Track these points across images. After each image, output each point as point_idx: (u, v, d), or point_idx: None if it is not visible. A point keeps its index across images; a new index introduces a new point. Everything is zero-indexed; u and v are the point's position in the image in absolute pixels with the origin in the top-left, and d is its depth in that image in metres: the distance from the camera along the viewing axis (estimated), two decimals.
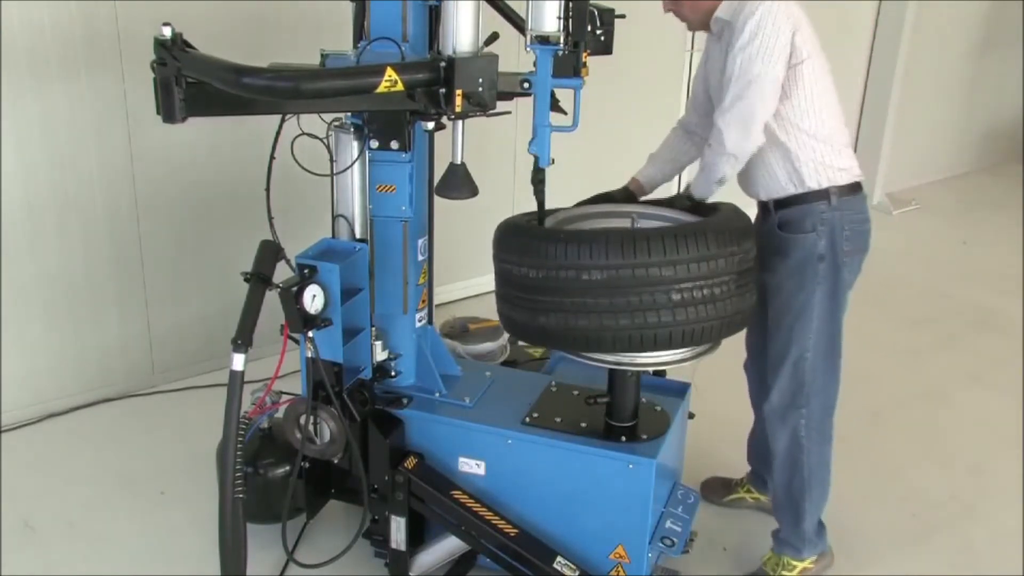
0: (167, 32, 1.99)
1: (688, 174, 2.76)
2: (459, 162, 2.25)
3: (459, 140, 2.24)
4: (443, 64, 2.08)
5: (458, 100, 2.08)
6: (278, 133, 2.37)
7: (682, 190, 2.55)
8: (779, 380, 2.57)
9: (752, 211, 2.50)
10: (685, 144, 2.74)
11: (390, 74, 2.00)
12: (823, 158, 2.42)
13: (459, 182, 2.26)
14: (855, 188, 2.49)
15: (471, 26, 2.17)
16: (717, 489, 3.12)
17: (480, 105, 2.10)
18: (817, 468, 2.64)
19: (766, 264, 2.49)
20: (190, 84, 2.01)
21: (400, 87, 2.03)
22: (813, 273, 2.46)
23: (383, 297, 2.57)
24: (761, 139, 2.34)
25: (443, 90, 2.08)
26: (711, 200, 2.48)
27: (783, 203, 2.48)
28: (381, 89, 2.01)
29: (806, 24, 2.36)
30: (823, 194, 2.43)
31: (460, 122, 2.22)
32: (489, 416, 2.53)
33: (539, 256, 2.17)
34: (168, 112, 2.01)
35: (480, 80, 2.10)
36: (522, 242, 2.23)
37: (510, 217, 2.44)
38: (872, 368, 4.08)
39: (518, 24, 2.54)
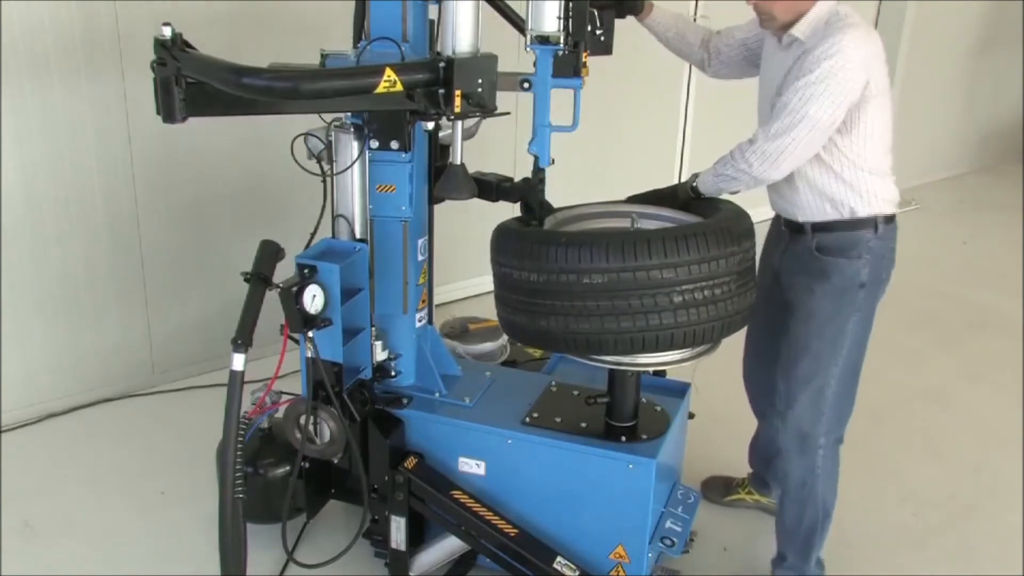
0: (167, 32, 1.98)
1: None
2: (459, 162, 2.26)
3: (458, 140, 2.24)
4: (442, 64, 2.07)
5: (457, 101, 2.08)
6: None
7: (688, 177, 2.50)
8: (797, 405, 2.48)
9: (753, 211, 2.46)
10: (692, 44, 2.71)
11: (389, 74, 2.00)
12: (874, 189, 2.38)
13: (459, 182, 2.25)
14: (894, 217, 2.44)
15: (470, 26, 2.17)
16: (718, 488, 3.12)
17: (480, 106, 2.10)
18: (830, 499, 2.59)
19: (797, 285, 2.45)
20: (190, 84, 2.00)
21: (399, 87, 2.02)
22: (852, 300, 2.39)
23: (383, 297, 2.57)
24: (787, 173, 2.31)
25: (442, 90, 2.08)
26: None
27: (824, 227, 2.41)
28: (380, 90, 2.00)
29: (881, 62, 2.28)
30: (870, 222, 2.38)
31: (459, 122, 2.22)
32: (489, 416, 2.53)
33: (539, 260, 2.16)
34: (168, 112, 2.01)
35: (479, 80, 2.10)
36: (521, 246, 2.22)
37: (506, 220, 2.43)
38: (872, 368, 4.06)
39: (518, 24, 2.54)
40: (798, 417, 2.49)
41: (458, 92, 2.07)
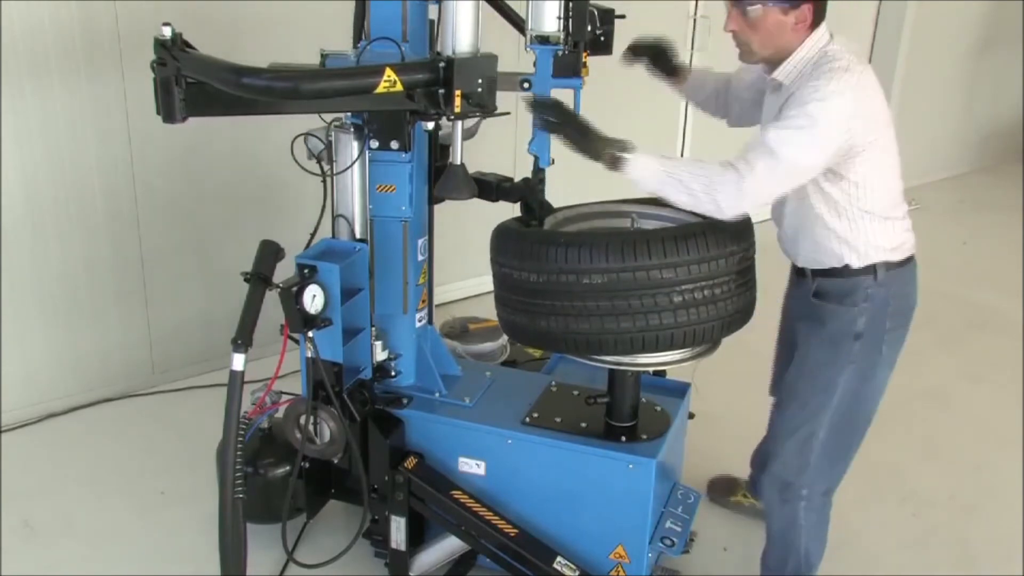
0: (167, 32, 1.99)
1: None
2: (459, 162, 2.26)
3: (458, 140, 2.24)
4: (442, 64, 2.08)
5: (457, 101, 2.08)
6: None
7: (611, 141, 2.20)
8: (783, 452, 2.40)
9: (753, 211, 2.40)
10: (720, 100, 2.60)
11: (389, 74, 2.00)
12: (875, 239, 2.22)
13: (459, 182, 2.26)
14: (905, 261, 2.29)
15: (470, 26, 2.17)
16: (722, 488, 3.11)
17: (480, 106, 2.10)
18: (815, 553, 2.51)
19: (799, 329, 2.39)
20: (190, 84, 2.00)
21: (399, 87, 2.03)
22: (847, 351, 2.26)
23: (383, 297, 2.57)
24: (749, 210, 2.17)
25: (442, 91, 2.08)
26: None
27: (823, 272, 2.29)
28: (380, 90, 2.01)
29: (874, 109, 2.15)
30: (870, 269, 2.23)
31: (459, 122, 2.22)
32: (489, 416, 2.53)
33: (539, 260, 2.16)
34: (168, 112, 2.01)
35: (479, 80, 2.10)
36: (521, 246, 2.22)
37: (506, 220, 2.43)
38: None
39: (518, 24, 2.54)
40: (781, 465, 2.41)
41: (458, 92, 2.07)
